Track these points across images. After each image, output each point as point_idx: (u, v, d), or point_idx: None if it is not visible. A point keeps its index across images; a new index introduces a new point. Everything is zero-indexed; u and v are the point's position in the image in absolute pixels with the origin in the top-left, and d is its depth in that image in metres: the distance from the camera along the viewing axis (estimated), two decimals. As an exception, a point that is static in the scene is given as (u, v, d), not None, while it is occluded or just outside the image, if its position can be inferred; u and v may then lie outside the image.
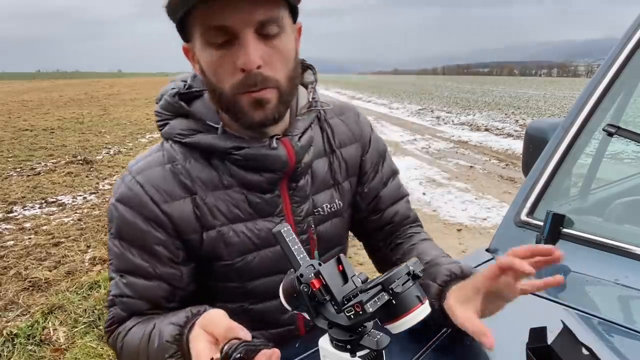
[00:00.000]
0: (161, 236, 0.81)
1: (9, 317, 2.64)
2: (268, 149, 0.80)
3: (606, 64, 1.16)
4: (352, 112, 1.00)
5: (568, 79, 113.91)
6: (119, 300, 0.82)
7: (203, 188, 0.82)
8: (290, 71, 0.77)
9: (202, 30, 0.72)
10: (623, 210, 1.24)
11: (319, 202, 0.91)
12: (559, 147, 1.15)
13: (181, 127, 0.82)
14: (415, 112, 16.30)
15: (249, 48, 0.70)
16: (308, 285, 0.50)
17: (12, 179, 5.91)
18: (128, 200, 0.80)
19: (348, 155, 0.95)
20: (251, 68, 0.71)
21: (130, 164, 0.85)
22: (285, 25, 0.75)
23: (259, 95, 0.74)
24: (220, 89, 0.75)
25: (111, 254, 0.83)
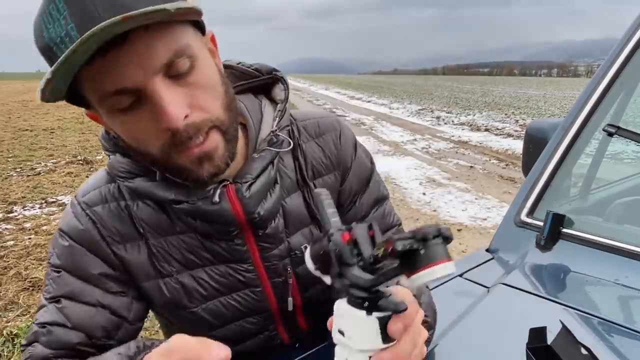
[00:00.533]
0: (110, 272, 0.72)
1: (9, 317, 2.64)
2: (209, 204, 0.68)
3: (606, 64, 1.16)
4: (332, 133, 0.84)
5: (568, 79, 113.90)
6: (45, 331, 0.69)
7: (154, 234, 0.73)
8: (223, 99, 0.64)
9: (96, 99, 0.58)
10: (623, 210, 1.24)
11: (296, 244, 0.79)
12: (559, 147, 1.15)
13: (119, 167, 0.71)
14: (415, 112, 16.30)
15: (163, 103, 0.56)
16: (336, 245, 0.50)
17: (12, 179, 5.91)
18: (77, 234, 0.71)
19: (323, 186, 0.81)
20: (177, 126, 0.57)
21: (79, 193, 0.75)
22: (196, 51, 0.60)
23: (202, 149, 0.61)
24: (150, 153, 0.62)
25: (47, 282, 0.73)
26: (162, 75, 0.56)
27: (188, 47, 0.58)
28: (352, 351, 0.49)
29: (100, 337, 0.71)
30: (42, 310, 0.71)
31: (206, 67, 0.62)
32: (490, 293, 0.91)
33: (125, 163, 0.71)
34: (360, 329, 0.48)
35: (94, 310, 0.70)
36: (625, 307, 0.93)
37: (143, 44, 0.54)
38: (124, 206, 0.73)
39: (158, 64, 0.55)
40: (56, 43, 0.54)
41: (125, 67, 0.54)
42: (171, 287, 0.75)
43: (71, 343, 0.69)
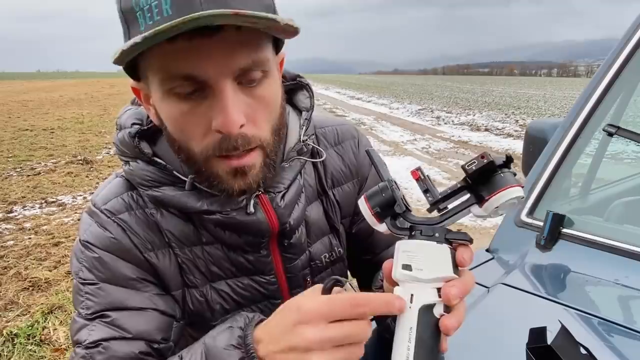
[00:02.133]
0: (147, 276, 0.69)
1: (9, 317, 2.64)
2: (243, 215, 0.67)
3: (606, 64, 1.16)
4: (351, 141, 0.84)
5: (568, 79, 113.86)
6: (101, 349, 0.63)
7: (178, 244, 0.71)
8: (276, 122, 0.63)
9: (161, 77, 0.56)
10: (623, 210, 1.24)
11: (317, 254, 0.79)
12: (559, 147, 1.15)
13: (143, 175, 0.67)
14: (416, 112, 16.30)
15: (227, 105, 0.55)
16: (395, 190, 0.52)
17: (12, 179, 5.91)
18: (106, 243, 0.67)
19: (342, 195, 0.82)
20: (231, 131, 0.56)
21: (98, 200, 0.70)
22: (271, 68, 0.60)
23: (241, 162, 0.60)
24: (189, 149, 0.61)
25: (80, 297, 0.66)
26: (234, 78, 0.56)
27: (266, 61, 0.59)
28: (421, 283, 0.49)
29: (159, 341, 0.67)
30: (86, 329, 0.65)
31: (273, 85, 0.62)
32: (490, 293, 0.91)
33: (150, 171, 0.68)
34: (432, 259, 0.49)
35: (146, 314, 0.67)
36: (625, 307, 0.93)
37: (232, 43, 0.54)
38: (149, 214, 0.70)
39: (236, 67, 0.55)
40: (142, 9, 0.53)
41: (206, 59, 0.53)
42: (195, 299, 0.73)
43: (132, 354, 0.64)
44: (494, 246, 1.13)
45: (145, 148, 0.68)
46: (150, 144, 0.70)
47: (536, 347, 0.68)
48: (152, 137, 0.70)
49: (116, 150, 0.71)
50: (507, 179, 0.48)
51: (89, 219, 0.70)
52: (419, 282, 0.49)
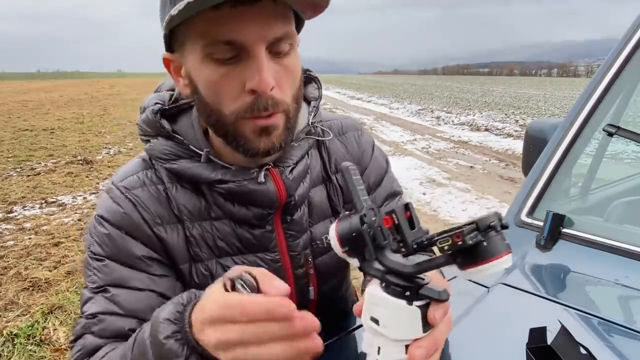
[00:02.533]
0: (153, 255, 0.74)
1: (9, 317, 2.64)
2: (255, 184, 0.72)
3: (606, 64, 1.16)
4: (353, 132, 0.91)
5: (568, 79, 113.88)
6: (96, 321, 0.69)
7: (189, 217, 0.75)
8: (297, 92, 0.70)
9: (203, 42, 0.62)
10: (623, 210, 1.24)
11: (318, 234, 0.83)
12: (559, 147, 1.15)
13: (162, 149, 0.74)
14: (415, 112, 16.30)
15: (263, 67, 0.61)
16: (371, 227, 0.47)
17: (12, 179, 5.91)
18: (118, 218, 0.72)
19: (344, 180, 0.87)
20: (265, 90, 0.62)
21: (116, 177, 0.77)
22: (295, 42, 0.67)
23: (268, 122, 0.66)
24: (220, 112, 0.66)
25: (89, 272, 0.72)
26: (267, 46, 0.62)
27: (293, 34, 0.66)
28: (387, 340, 0.46)
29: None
30: (90, 302, 0.71)
31: (296, 57, 0.68)
32: (490, 293, 0.91)
33: (169, 145, 0.74)
34: (399, 319, 0.46)
35: (143, 295, 0.71)
36: (625, 307, 0.93)
37: (269, 13, 0.61)
38: (162, 190, 0.75)
39: (271, 35, 0.62)
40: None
41: (247, 26, 0.60)
42: (200, 273, 0.77)
43: (123, 330, 0.69)
44: (494, 246, 1.13)
45: (166, 124, 0.75)
46: (170, 123, 0.76)
47: (536, 347, 0.68)
48: (173, 117, 0.77)
49: (139, 132, 0.78)
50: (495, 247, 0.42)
51: (106, 194, 0.75)
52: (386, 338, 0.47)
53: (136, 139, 9.18)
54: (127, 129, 10.64)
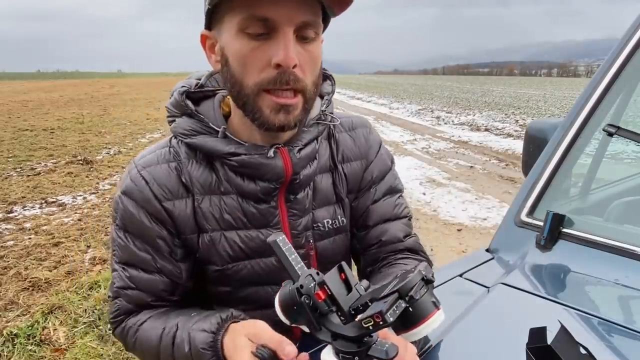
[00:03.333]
0: (162, 231, 0.82)
1: (9, 317, 2.64)
2: (264, 158, 0.78)
3: (606, 64, 1.16)
4: (363, 128, 0.97)
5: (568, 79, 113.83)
6: (123, 293, 0.83)
7: (200, 191, 0.82)
8: (316, 78, 0.77)
9: (241, 17, 0.69)
10: (623, 210, 1.24)
11: (320, 217, 0.89)
12: (559, 147, 1.15)
13: (185, 126, 0.82)
14: (415, 112, 16.30)
15: (289, 45, 0.68)
16: (310, 297, 0.47)
17: (12, 179, 5.90)
18: (132, 194, 0.81)
19: (350, 171, 0.93)
20: (288, 65, 0.69)
21: (137, 157, 0.86)
22: (320, 33, 0.75)
23: (285, 100, 0.72)
24: (243, 83, 0.73)
25: (114, 245, 0.84)
26: (295, 29, 0.69)
27: (319, 25, 0.73)
28: None
29: (165, 296, 0.85)
30: (115, 274, 0.84)
31: (320, 48, 0.76)
32: (490, 293, 0.91)
33: (191, 122, 0.82)
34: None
35: (152, 277, 0.83)
36: (625, 307, 0.93)
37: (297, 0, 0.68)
38: (173, 167, 0.82)
39: (300, 19, 0.69)
40: None
41: (281, 5, 0.67)
42: (204, 244, 0.84)
43: (145, 300, 0.83)
44: (493, 246, 1.13)
45: (189, 104, 0.83)
46: (194, 105, 0.84)
47: (536, 347, 0.68)
48: (197, 101, 0.85)
49: (167, 114, 0.86)
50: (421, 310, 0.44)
51: (126, 172, 0.84)
52: None
53: (136, 139, 9.19)
54: (127, 129, 10.64)
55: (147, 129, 10.53)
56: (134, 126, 11.10)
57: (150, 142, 8.68)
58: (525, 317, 0.79)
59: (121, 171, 6.33)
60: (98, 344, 2.41)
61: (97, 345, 2.40)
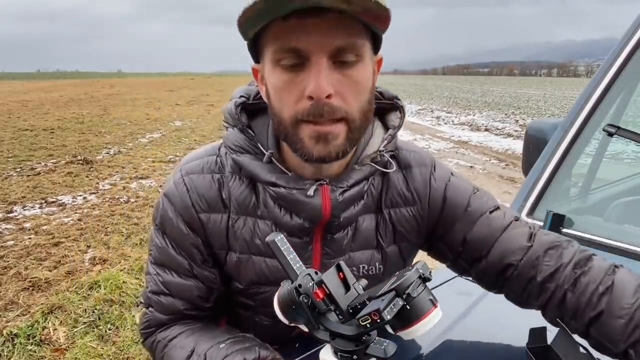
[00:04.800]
0: (196, 240, 0.81)
1: (9, 317, 2.64)
2: (302, 195, 0.74)
3: (606, 64, 1.16)
4: (421, 168, 0.85)
5: (568, 79, 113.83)
6: (155, 300, 0.82)
7: (237, 210, 0.80)
8: (364, 104, 0.70)
9: (273, 49, 0.67)
10: (623, 210, 1.24)
11: (356, 261, 0.82)
12: (559, 147, 1.15)
13: (233, 140, 0.79)
14: (415, 112, 16.30)
15: (320, 74, 0.64)
16: (308, 296, 0.48)
17: (12, 179, 5.90)
18: (173, 199, 0.80)
19: (397, 218, 0.83)
20: (320, 97, 0.64)
21: (185, 159, 0.85)
22: (364, 55, 0.68)
23: (325, 129, 0.67)
24: (281, 116, 0.70)
25: (152, 245, 0.83)
26: (330, 55, 0.65)
27: (360, 47, 0.67)
28: None
29: (199, 303, 0.83)
30: (149, 277, 0.83)
31: (365, 71, 0.69)
32: (491, 293, 0.91)
33: (240, 139, 0.78)
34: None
35: (187, 283, 0.81)
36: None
37: (334, 24, 0.63)
38: (216, 179, 0.80)
39: (333, 45, 0.64)
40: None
41: (310, 33, 0.63)
42: (231, 262, 0.82)
43: (178, 309, 0.81)
44: (494, 246, 1.13)
45: (243, 118, 0.79)
46: (249, 118, 0.81)
47: (536, 347, 0.68)
48: (253, 113, 0.81)
49: (223, 119, 0.83)
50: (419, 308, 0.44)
51: (172, 175, 0.83)
52: None
53: (136, 139, 9.18)
54: (127, 129, 10.65)
55: (147, 129, 10.52)
56: (134, 126, 11.10)
57: (150, 142, 8.69)
58: (525, 317, 0.79)
59: (121, 171, 6.33)
60: (98, 344, 2.41)
61: (97, 345, 2.40)
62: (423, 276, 0.45)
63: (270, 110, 0.73)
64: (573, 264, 0.74)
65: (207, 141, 8.66)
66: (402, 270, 0.48)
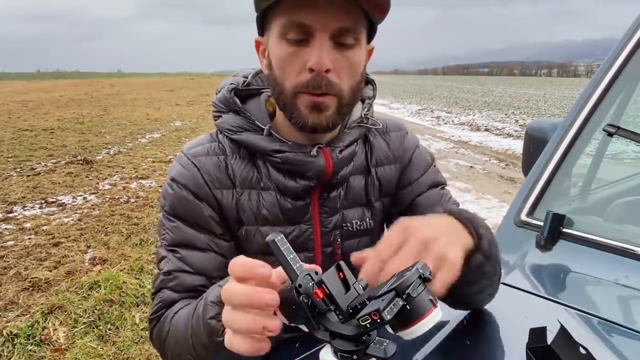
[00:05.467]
0: (213, 214, 0.85)
1: (9, 317, 2.64)
2: (307, 156, 0.82)
3: (606, 64, 1.16)
4: (397, 132, 0.99)
5: (568, 79, 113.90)
6: (171, 277, 0.82)
7: (241, 184, 0.86)
8: (355, 84, 0.78)
9: (282, 23, 0.73)
10: (623, 210, 1.24)
11: (349, 217, 0.91)
12: (559, 147, 1.15)
13: (231, 123, 0.86)
14: (415, 112, 16.31)
15: (322, 50, 0.71)
16: (308, 296, 0.47)
17: (12, 179, 5.91)
18: (184, 179, 0.84)
19: (383, 174, 0.95)
20: (320, 70, 0.72)
21: (185, 147, 0.90)
22: (360, 40, 0.76)
23: (319, 99, 0.75)
24: (283, 86, 0.77)
25: (163, 230, 0.85)
26: (332, 35, 0.72)
27: (359, 32, 0.75)
28: None
29: (216, 277, 0.83)
30: (164, 260, 0.84)
31: (359, 55, 0.77)
32: (490, 293, 0.91)
33: (237, 119, 0.86)
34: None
35: (207, 255, 0.84)
36: (625, 307, 0.93)
37: (340, 6, 0.71)
38: (222, 160, 0.86)
39: (336, 25, 0.71)
40: None
41: (317, 11, 0.70)
42: (241, 236, 0.87)
43: (194, 285, 0.82)
44: (494, 246, 1.13)
45: (237, 101, 0.86)
46: (241, 103, 0.87)
47: (536, 347, 0.68)
48: (244, 99, 0.88)
49: (213, 109, 0.90)
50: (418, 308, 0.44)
51: (176, 161, 0.87)
52: None
53: (136, 139, 9.19)
54: (127, 129, 10.65)
55: (147, 129, 10.52)
56: (134, 126, 11.10)
57: (150, 142, 8.69)
58: (525, 317, 0.79)
59: (121, 171, 6.33)
60: (98, 344, 2.41)
61: (97, 345, 2.40)
62: (423, 276, 0.45)
63: (272, 80, 0.79)
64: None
65: (207, 141, 8.67)
66: (402, 270, 0.49)
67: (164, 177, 5.81)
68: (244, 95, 0.89)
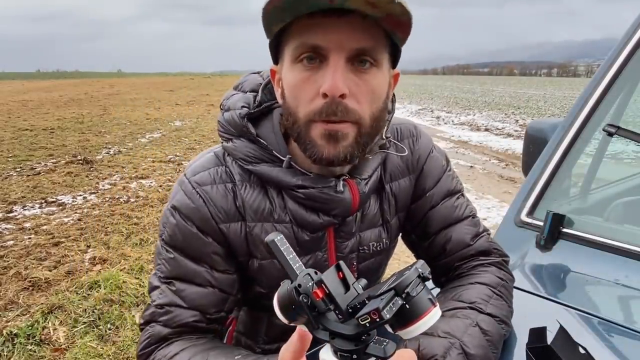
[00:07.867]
0: (218, 249, 0.78)
1: (9, 317, 2.64)
2: (334, 192, 0.75)
3: (606, 64, 1.16)
4: (410, 139, 0.90)
5: (568, 79, 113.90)
6: (163, 311, 0.76)
7: (253, 217, 0.79)
8: (377, 111, 0.71)
9: (294, 46, 0.67)
10: (623, 210, 1.24)
11: (365, 240, 0.86)
12: (559, 147, 1.15)
13: (246, 152, 0.77)
14: (415, 112, 16.30)
15: (337, 73, 0.65)
16: (308, 296, 0.47)
17: (12, 179, 5.90)
18: (188, 211, 0.77)
19: (397, 189, 0.88)
20: (334, 94, 0.65)
21: (189, 171, 0.81)
22: (382, 63, 0.69)
23: (335, 127, 0.67)
24: (296, 115, 0.70)
25: (159, 260, 0.79)
26: (348, 57, 0.65)
27: (378, 54, 0.68)
28: None
29: (212, 313, 0.78)
30: (157, 291, 0.78)
31: (380, 79, 0.70)
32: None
33: (253, 149, 0.77)
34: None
35: (205, 291, 0.77)
36: (625, 307, 0.93)
37: (356, 26, 0.64)
38: (230, 188, 0.78)
39: (352, 46, 0.65)
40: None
41: (331, 32, 0.64)
42: (253, 268, 0.82)
43: (187, 321, 0.76)
44: (494, 246, 1.13)
45: (251, 129, 0.78)
46: (254, 126, 0.79)
47: (536, 347, 0.68)
48: (257, 120, 0.80)
49: (220, 128, 0.81)
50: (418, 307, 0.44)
51: (179, 187, 0.79)
52: None
53: (136, 139, 9.18)
54: (127, 128, 10.64)
55: (147, 129, 10.52)
56: (134, 126, 11.10)
57: (150, 142, 8.68)
58: (525, 317, 0.79)
59: (121, 171, 6.33)
60: (98, 344, 2.41)
61: (97, 345, 2.40)
62: (422, 275, 0.45)
63: (285, 110, 0.73)
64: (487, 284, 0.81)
65: (207, 141, 8.66)
66: (401, 270, 0.49)
67: (164, 177, 5.81)
68: (256, 116, 0.81)
